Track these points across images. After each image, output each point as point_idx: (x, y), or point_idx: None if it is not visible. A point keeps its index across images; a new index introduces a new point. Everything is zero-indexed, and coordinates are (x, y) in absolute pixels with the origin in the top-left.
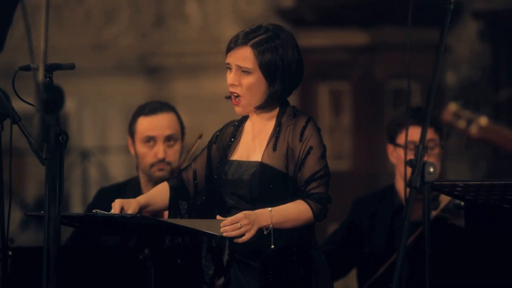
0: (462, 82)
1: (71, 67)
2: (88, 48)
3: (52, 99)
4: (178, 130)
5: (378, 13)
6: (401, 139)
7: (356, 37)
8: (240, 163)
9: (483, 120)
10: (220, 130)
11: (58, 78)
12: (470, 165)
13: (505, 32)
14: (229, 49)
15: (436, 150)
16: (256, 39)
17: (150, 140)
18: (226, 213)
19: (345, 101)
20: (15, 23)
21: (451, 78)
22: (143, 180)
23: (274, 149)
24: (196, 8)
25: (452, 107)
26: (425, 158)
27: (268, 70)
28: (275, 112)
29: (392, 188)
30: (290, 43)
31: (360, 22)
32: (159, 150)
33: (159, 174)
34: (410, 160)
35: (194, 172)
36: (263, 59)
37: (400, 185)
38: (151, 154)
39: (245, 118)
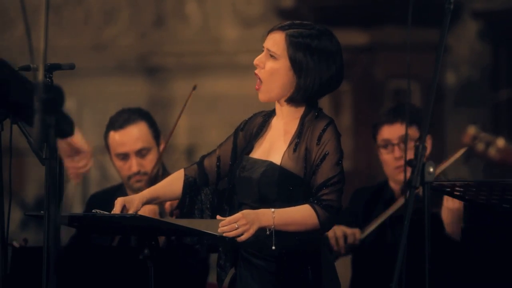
0: (462, 82)
1: (71, 67)
2: (88, 48)
3: (52, 99)
4: (150, 140)
5: (378, 13)
6: (377, 138)
7: (356, 37)
8: (254, 161)
9: (501, 142)
10: (249, 118)
11: (58, 78)
12: (470, 165)
13: (505, 32)
14: (268, 32)
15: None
16: (295, 30)
17: (122, 156)
18: (238, 208)
19: (345, 101)
20: (15, 23)
21: (451, 78)
22: (127, 187)
23: (295, 150)
24: (196, 8)
25: (471, 130)
26: (398, 155)
27: (297, 65)
28: (301, 111)
29: (386, 183)
30: (331, 50)
31: (360, 22)
32: (132, 164)
33: (137, 185)
34: (410, 160)
35: (218, 158)
36: (294, 53)
37: (391, 183)
38: (125, 168)
39: (273, 113)
